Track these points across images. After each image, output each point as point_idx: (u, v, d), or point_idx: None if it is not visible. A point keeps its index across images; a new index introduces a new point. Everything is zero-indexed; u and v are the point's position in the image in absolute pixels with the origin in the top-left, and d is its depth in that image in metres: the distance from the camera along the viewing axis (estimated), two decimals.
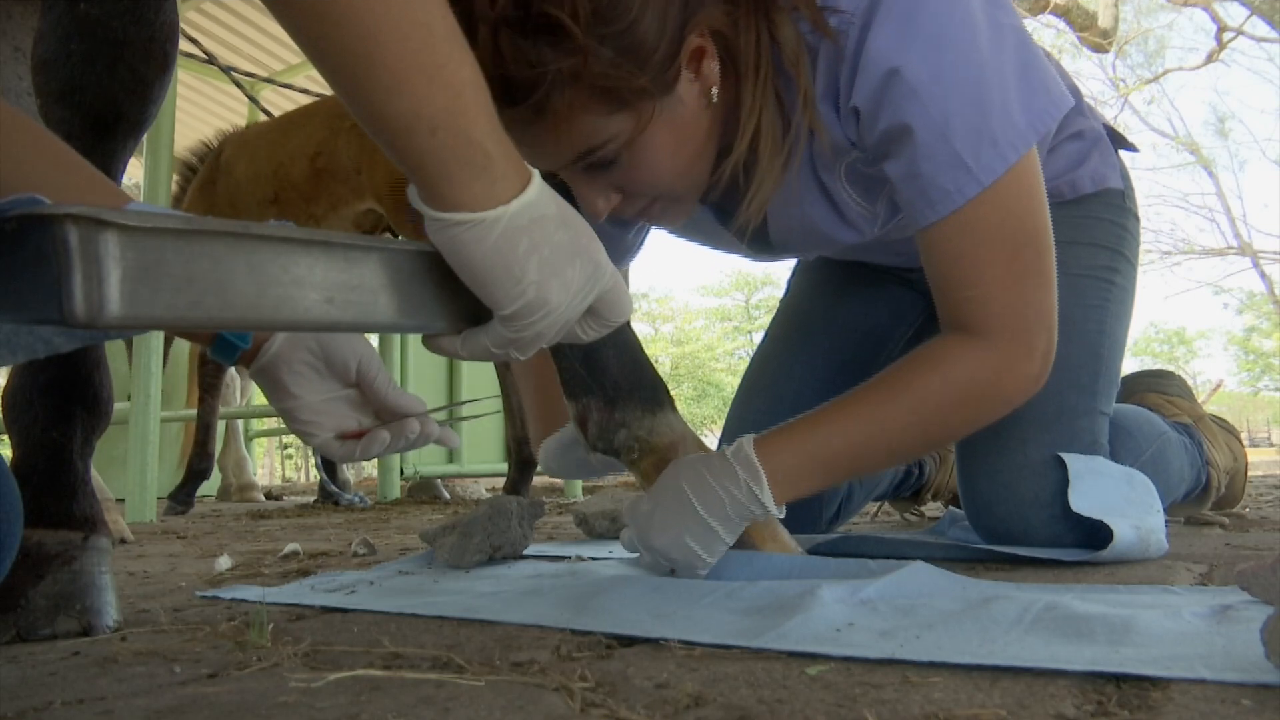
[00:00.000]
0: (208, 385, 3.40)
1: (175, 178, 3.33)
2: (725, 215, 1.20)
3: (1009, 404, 1.04)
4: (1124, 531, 1.06)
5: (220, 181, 3.10)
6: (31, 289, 0.50)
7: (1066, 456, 1.15)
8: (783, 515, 1.00)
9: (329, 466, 3.58)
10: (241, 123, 5.78)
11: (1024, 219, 1.00)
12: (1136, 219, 1.38)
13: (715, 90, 0.97)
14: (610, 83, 0.88)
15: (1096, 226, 1.32)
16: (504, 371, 3.18)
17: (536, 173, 0.70)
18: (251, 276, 0.57)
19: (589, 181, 0.99)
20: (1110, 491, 1.13)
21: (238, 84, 3.87)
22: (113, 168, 0.96)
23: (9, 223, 0.50)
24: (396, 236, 2.97)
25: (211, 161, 3.18)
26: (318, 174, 2.96)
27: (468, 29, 0.85)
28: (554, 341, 0.75)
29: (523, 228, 0.67)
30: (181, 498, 3.29)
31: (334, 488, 3.51)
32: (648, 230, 1.35)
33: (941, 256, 1.02)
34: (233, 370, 5.10)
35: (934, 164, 0.96)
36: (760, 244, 1.24)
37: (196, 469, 3.33)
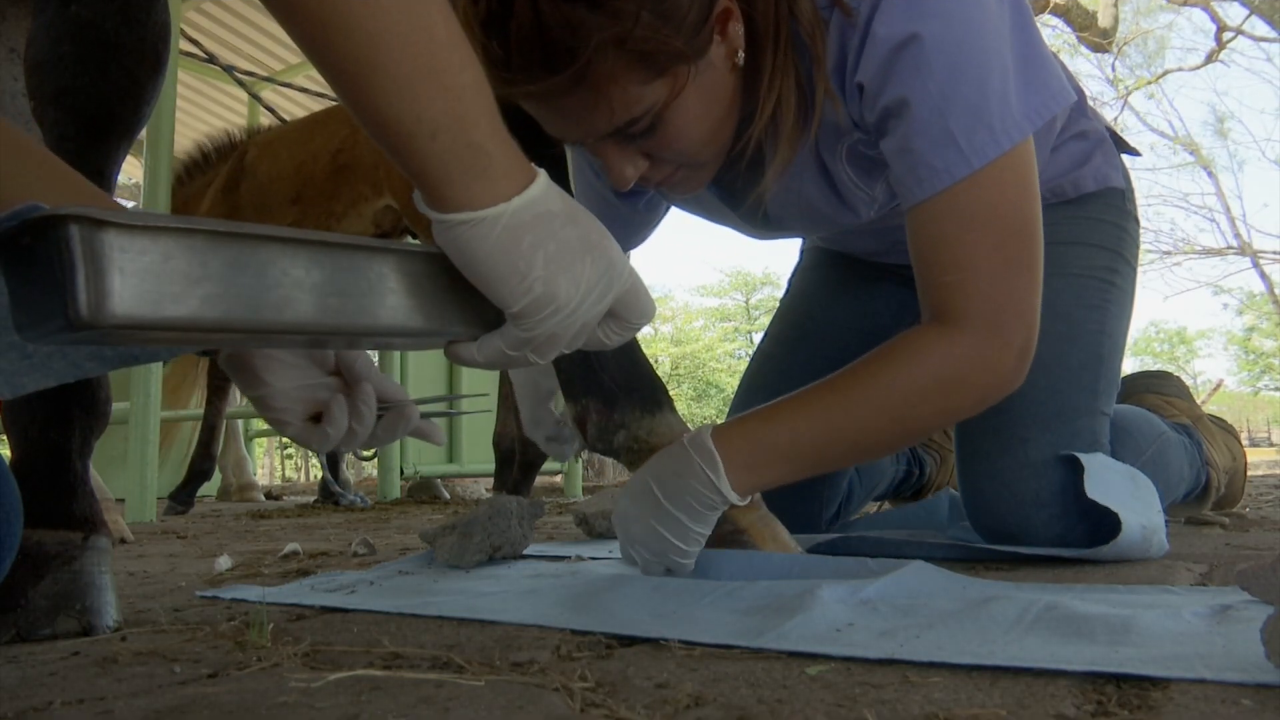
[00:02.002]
0: (215, 387, 3.40)
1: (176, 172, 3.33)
2: (726, 189, 1.20)
3: (982, 399, 1.01)
4: (1131, 526, 1.06)
5: (244, 183, 3.10)
6: (43, 296, 0.50)
7: (1077, 452, 1.15)
8: (745, 503, 0.98)
9: (333, 465, 3.57)
10: (241, 123, 5.79)
11: (1013, 208, 0.98)
12: (1137, 222, 1.38)
13: (741, 54, 0.97)
14: (649, 46, 0.88)
15: (1097, 228, 1.32)
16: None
17: (542, 171, 0.70)
18: (255, 277, 0.56)
19: (619, 150, 0.99)
20: (1118, 487, 1.13)
21: (240, 83, 3.87)
22: (107, 169, 0.96)
23: (24, 237, 0.50)
24: (414, 236, 2.97)
25: (235, 163, 3.17)
26: (339, 170, 2.96)
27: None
28: (575, 345, 0.74)
29: (526, 223, 0.67)
30: (182, 498, 3.28)
31: (337, 487, 3.51)
32: (663, 207, 1.34)
33: (926, 237, 1.01)
34: None
35: (926, 140, 0.96)
36: (758, 219, 1.24)
37: (198, 469, 3.33)
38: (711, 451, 0.97)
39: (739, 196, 1.19)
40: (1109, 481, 1.12)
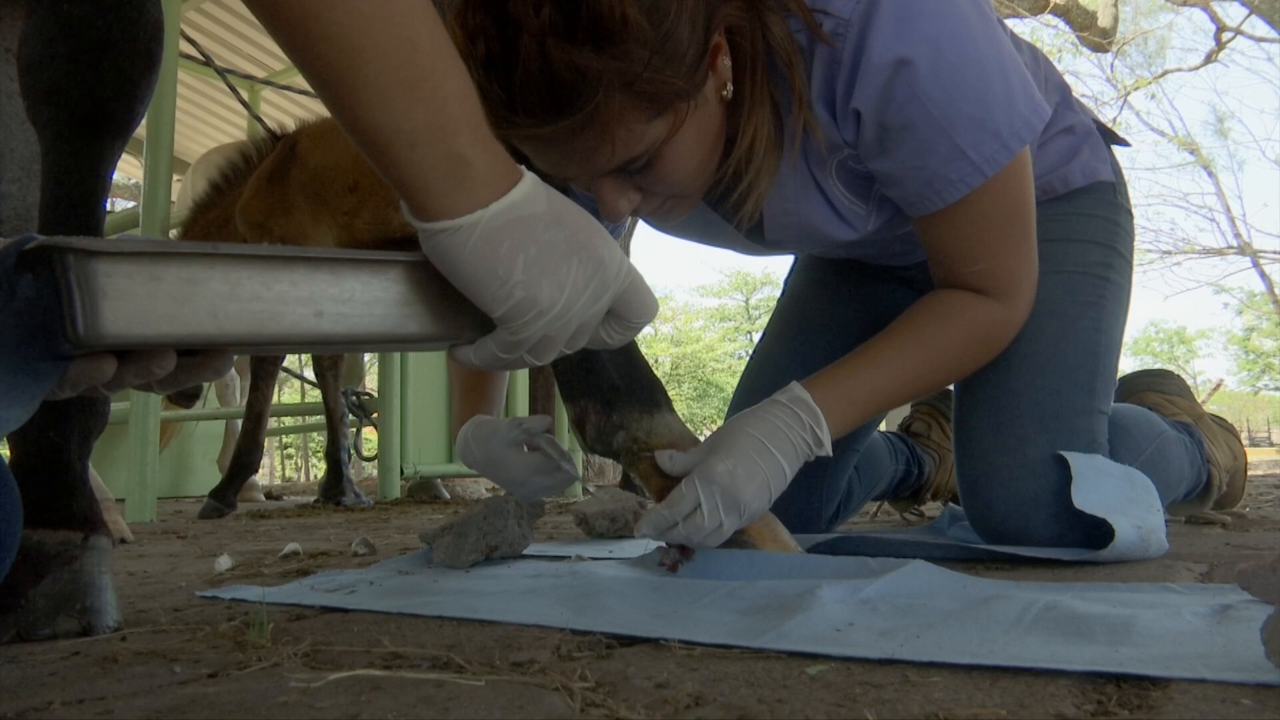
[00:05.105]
0: (260, 374, 3.32)
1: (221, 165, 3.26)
2: (724, 213, 1.20)
3: (1004, 345, 1.17)
4: (1125, 530, 1.06)
5: (294, 172, 3.03)
6: (51, 318, 0.54)
7: (1068, 454, 1.15)
8: (829, 454, 1.04)
9: (337, 467, 3.50)
10: (242, 124, 5.80)
11: (1019, 198, 1.07)
12: (1130, 214, 1.38)
13: (730, 86, 0.99)
14: (654, 86, 0.89)
15: (1090, 223, 1.32)
16: (534, 376, 3.15)
17: (528, 174, 0.70)
18: (232, 293, 0.59)
19: (614, 186, 0.99)
20: (1111, 490, 1.13)
21: (231, 87, 3.83)
22: (102, 168, 0.95)
23: (37, 263, 0.54)
24: None
25: (283, 152, 3.09)
26: None
27: (507, 39, 0.84)
28: (576, 346, 0.74)
29: (503, 229, 0.66)
30: (228, 497, 3.07)
31: (347, 482, 3.43)
32: (617, 228, 1.35)
33: (945, 239, 1.09)
34: (233, 370, 5.10)
35: (937, 157, 1.00)
36: (756, 239, 1.24)
37: (244, 461, 3.17)
38: (814, 408, 1.03)
39: (730, 221, 1.20)
40: (1100, 486, 1.13)
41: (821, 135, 1.03)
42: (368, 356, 5.55)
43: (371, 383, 4.90)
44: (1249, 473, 1.94)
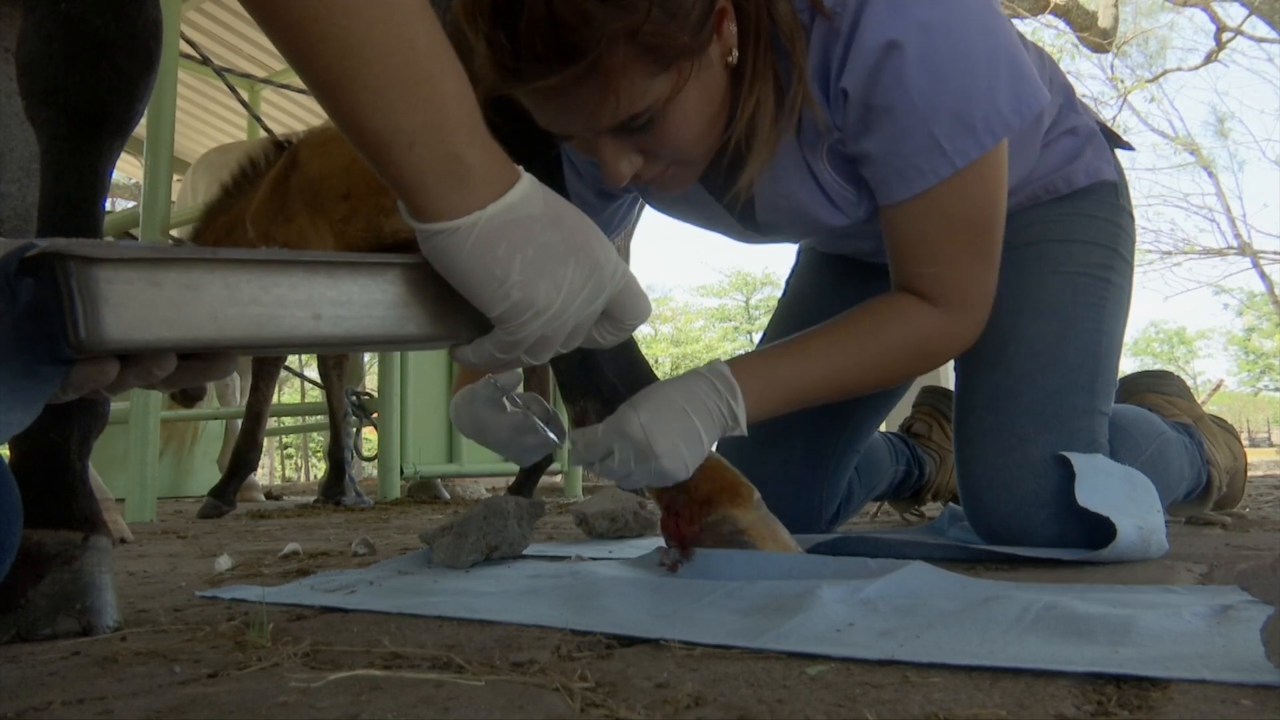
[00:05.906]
0: (260, 373, 3.33)
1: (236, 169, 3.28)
2: (716, 190, 1.20)
3: (949, 358, 1.18)
4: (1126, 530, 1.06)
5: (294, 178, 3.07)
6: (53, 323, 0.55)
7: (1070, 454, 1.15)
8: (744, 433, 1.03)
9: (339, 467, 3.51)
10: (242, 124, 5.80)
11: (987, 202, 1.06)
12: (1131, 217, 1.38)
13: (734, 53, 0.99)
14: (658, 40, 0.89)
15: (1092, 225, 1.32)
16: (528, 374, 3.16)
17: (526, 175, 0.70)
18: (231, 297, 0.59)
19: (616, 146, 0.99)
20: (1112, 490, 1.13)
21: (230, 87, 3.84)
22: (101, 166, 0.95)
23: (39, 268, 0.55)
24: None
25: (287, 159, 3.12)
26: None
27: None
28: (571, 345, 0.75)
29: (500, 230, 0.67)
30: (227, 496, 3.07)
31: (348, 481, 3.44)
32: (631, 206, 1.35)
33: (906, 232, 1.08)
34: (233, 370, 5.09)
35: (912, 145, 1.00)
36: (749, 224, 1.24)
37: (244, 459, 3.17)
38: (733, 383, 1.02)
39: (722, 198, 1.20)
40: (1102, 485, 1.13)
41: (820, 112, 1.04)
42: (367, 356, 5.55)
43: (371, 383, 4.90)
44: (1249, 473, 1.94)
